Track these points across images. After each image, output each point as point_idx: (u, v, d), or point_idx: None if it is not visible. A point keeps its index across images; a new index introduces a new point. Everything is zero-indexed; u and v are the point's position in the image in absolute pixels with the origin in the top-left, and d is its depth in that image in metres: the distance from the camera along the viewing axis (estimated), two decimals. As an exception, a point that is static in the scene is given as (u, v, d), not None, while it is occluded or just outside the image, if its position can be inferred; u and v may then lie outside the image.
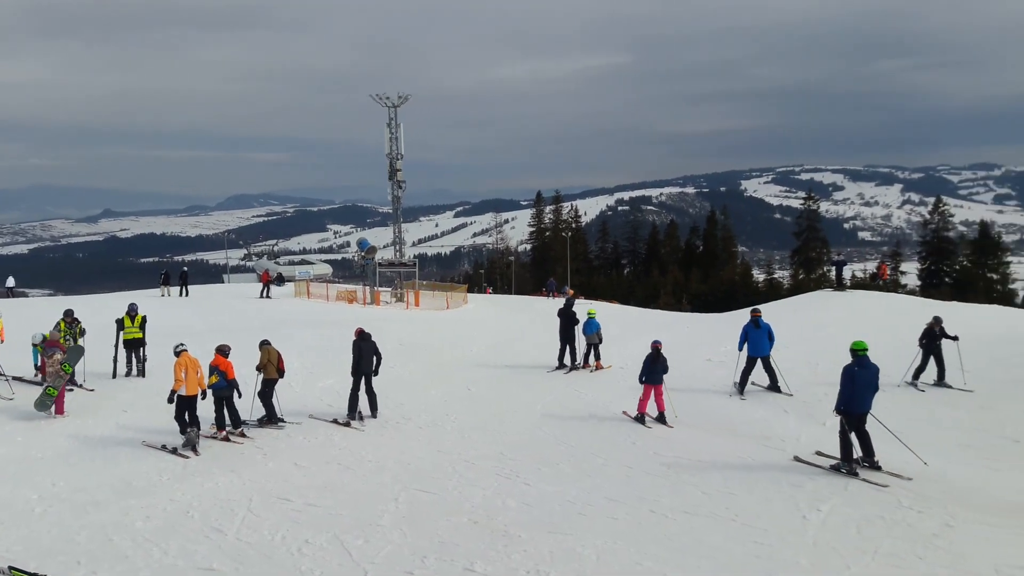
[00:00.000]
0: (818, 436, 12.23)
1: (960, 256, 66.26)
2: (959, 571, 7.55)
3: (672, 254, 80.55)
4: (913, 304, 31.25)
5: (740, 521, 8.90)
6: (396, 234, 39.04)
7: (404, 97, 36.96)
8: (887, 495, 9.61)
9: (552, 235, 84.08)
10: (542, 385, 16.52)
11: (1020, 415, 13.45)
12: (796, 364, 17.83)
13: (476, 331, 25.62)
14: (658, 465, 11.09)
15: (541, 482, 10.41)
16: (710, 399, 15.14)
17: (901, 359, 17.90)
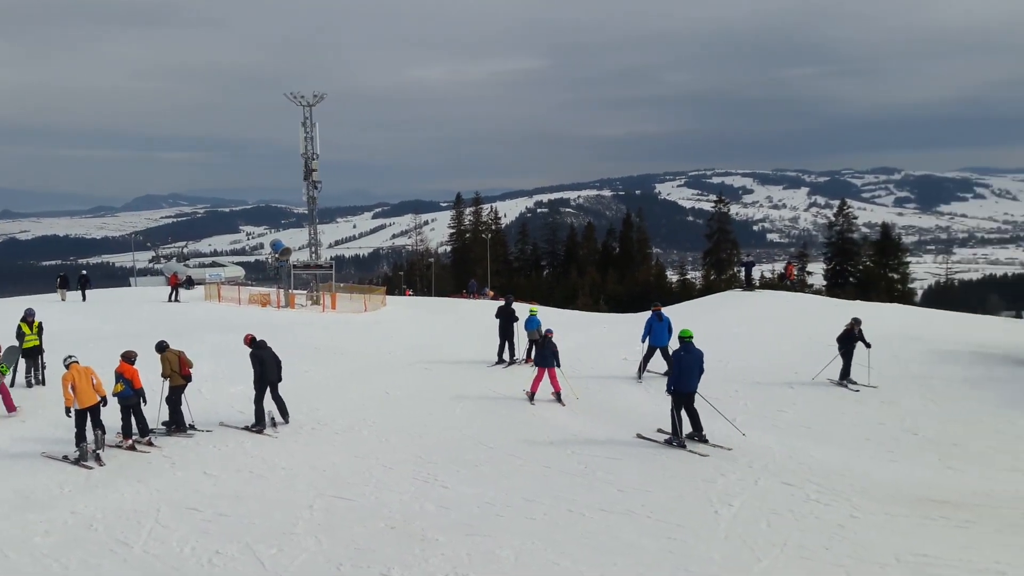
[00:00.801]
0: (729, 432, 12.53)
1: (863, 256, 69.27)
2: (863, 560, 7.85)
3: (590, 255, 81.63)
4: (818, 303, 32.54)
5: (655, 517, 9.04)
6: (312, 235, 38.33)
7: (319, 96, 36.34)
8: (796, 490, 9.92)
9: (472, 237, 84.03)
10: (462, 387, 16.43)
11: (919, 409, 14.12)
12: (707, 362, 18.25)
13: (395, 334, 25.37)
14: (575, 464, 11.17)
15: (459, 484, 10.35)
16: (626, 398, 15.35)
17: (808, 356, 18.61)
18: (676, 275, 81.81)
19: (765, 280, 58.41)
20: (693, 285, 72.40)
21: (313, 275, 37.28)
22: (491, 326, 19.41)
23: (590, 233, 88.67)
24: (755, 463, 10.98)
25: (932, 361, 18.13)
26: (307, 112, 36.02)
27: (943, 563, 7.69)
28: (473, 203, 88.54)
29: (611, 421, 13.60)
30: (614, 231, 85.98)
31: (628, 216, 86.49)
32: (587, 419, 13.77)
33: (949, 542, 8.19)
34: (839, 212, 73.15)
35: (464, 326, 27.25)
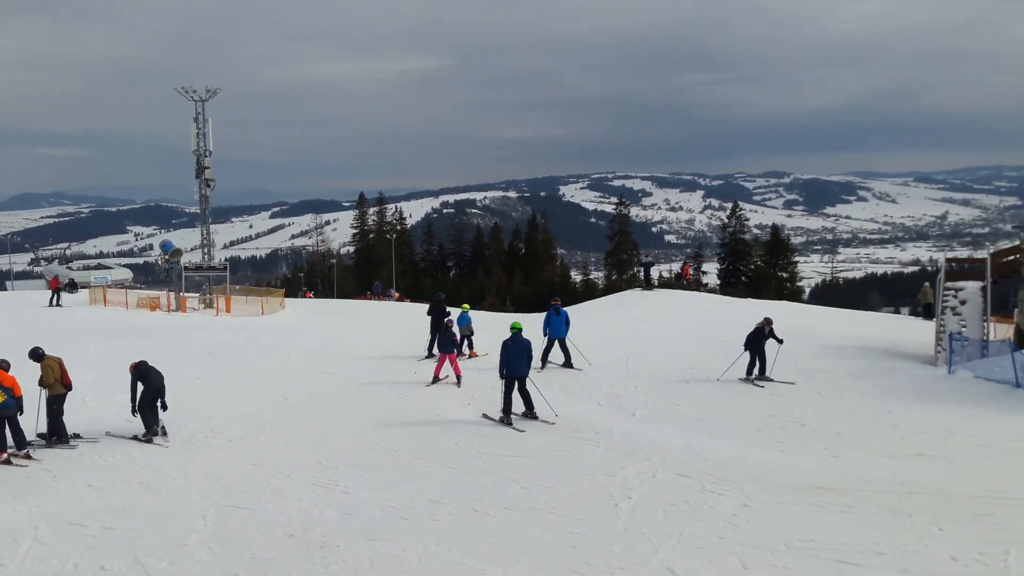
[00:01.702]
0: (629, 427, 12.84)
1: (755, 257, 72.21)
2: (754, 547, 8.15)
3: (496, 256, 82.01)
4: (713, 302, 33.72)
5: (557, 513, 9.15)
6: (205, 236, 37.07)
7: (213, 91, 35.18)
8: (691, 481, 10.23)
9: (376, 237, 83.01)
10: (365, 391, 16.21)
11: (806, 401, 14.81)
12: (609, 360, 18.72)
13: (294, 337, 24.79)
14: (480, 464, 11.18)
15: (361, 489, 10.19)
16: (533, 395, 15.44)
17: (703, 352, 19.29)
18: (580, 275, 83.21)
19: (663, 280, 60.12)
20: (596, 285, 73.81)
21: (206, 277, 36.06)
22: (396, 328, 19.24)
23: (496, 234, 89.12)
24: (653, 456, 11.27)
25: (818, 355, 19.03)
26: (200, 107, 34.84)
27: (828, 547, 8.07)
28: (377, 203, 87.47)
29: (515, 421, 13.67)
30: (520, 232, 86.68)
31: (533, 217, 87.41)
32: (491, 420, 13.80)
33: (833, 526, 8.60)
34: (732, 214, 76.03)
35: (368, 328, 26.88)
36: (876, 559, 7.77)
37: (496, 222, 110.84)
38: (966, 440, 11.93)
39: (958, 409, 13.85)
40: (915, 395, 15.16)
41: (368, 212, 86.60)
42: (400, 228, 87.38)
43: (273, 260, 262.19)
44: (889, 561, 7.72)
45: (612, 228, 79.07)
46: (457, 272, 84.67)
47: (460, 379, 16.35)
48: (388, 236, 79.63)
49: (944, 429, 12.60)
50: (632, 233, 79.63)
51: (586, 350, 19.25)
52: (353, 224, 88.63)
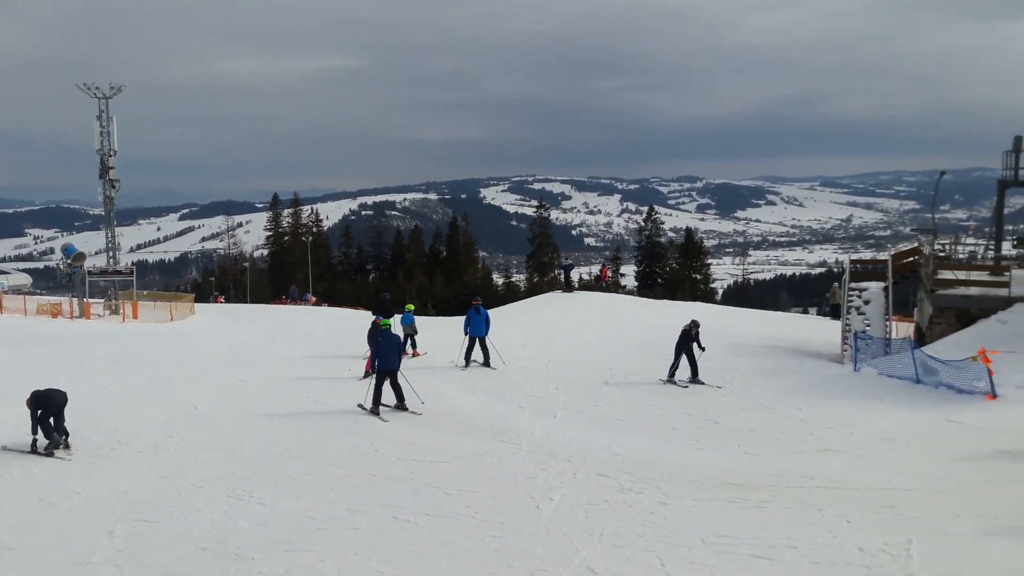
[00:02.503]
0: (550, 428, 12.92)
1: (670, 259, 73.97)
2: (672, 544, 8.30)
3: (417, 259, 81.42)
4: (630, 303, 34.34)
5: (479, 518, 9.12)
6: (110, 239, 35.57)
7: (117, 88, 33.83)
8: (611, 480, 10.35)
9: (291, 240, 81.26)
10: (280, 399, 15.80)
11: (720, 399, 15.22)
12: (531, 362, 18.82)
13: (205, 344, 24.03)
14: (400, 470, 11.05)
15: (277, 500, 9.92)
16: (453, 400, 15.37)
17: (621, 352, 19.61)
18: (502, 278, 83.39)
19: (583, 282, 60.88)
20: (518, 287, 74.15)
21: (111, 282, 34.63)
22: (313, 333, 18.86)
23: (417, 236, 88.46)
24: (574, 457, 11.37)
25: (731, 354, 19.56)
26: (103, 105, 33.45)
27: (742, 542, 8.29)
28: (292, 204, 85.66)
29: (437, 425, 13.58)
30: (441, 234, 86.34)
31: (454, 220, 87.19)
32: (412, 424, 13.67)
33: (747, 522, 8.85)
34: (648, 218, 77.70)
35: (283, 334, 26.27)
36: (788, 552, 8.03)
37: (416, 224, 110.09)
38: (870, 434, 12.46)
39: (863, 405, 14.45)
40: (822, 392, 15.76)
41: (282, 214, 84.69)
42: (316, 230, 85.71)
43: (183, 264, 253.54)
44: (801, 555, 7.98)
45: (533, 231, 79.72)
46: (377, 275, 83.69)
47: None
48: (304, 239, 78.06)
49: (850, 424, 13.12)
50: (553, 236, 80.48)
51: (508, 352, 19.35)
52: (267, 226, 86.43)
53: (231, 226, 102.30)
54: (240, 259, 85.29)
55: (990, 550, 7.92)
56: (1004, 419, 12.77)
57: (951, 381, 15.13)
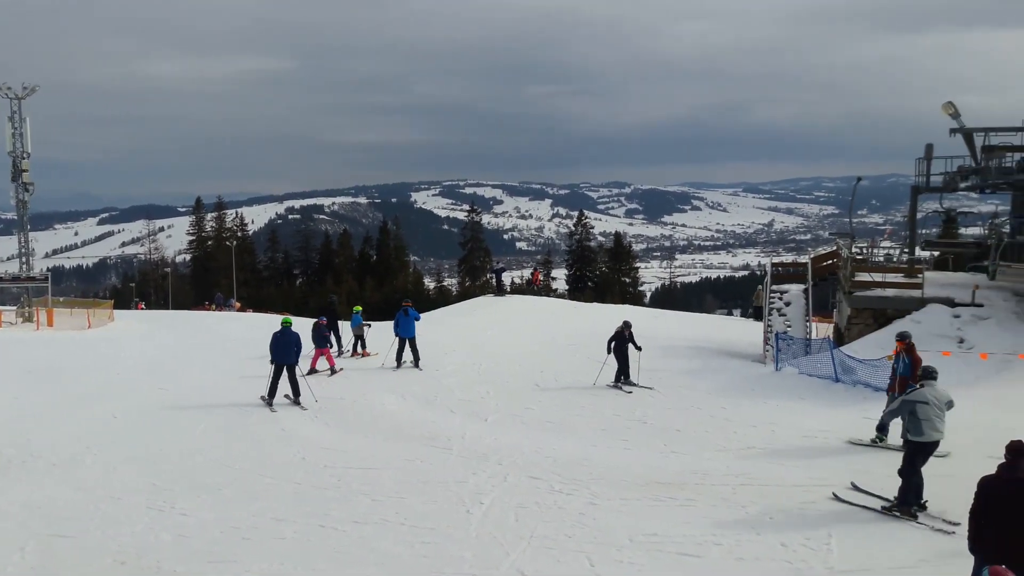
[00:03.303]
0: (481, 432, 12.90)
1: (600, 263, 74.85)
2: (601, 544, 8.40)
3: (346, 264, 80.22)
4: (561, 306, 34.62)
5: (409, 524, 9.04)
6: (23, 244, 34.01)
7: (31, 88, 32.38)
8: (541, 483, 10.39)
9: (215, 244, 79.12)
10: (205, 408, 15.32)
11: (647, 399, 15.46)
12: (462, 366, 18.78)
13: (125, 352, 23.18)
14: (328, 478, 10.87)
15: (201, 511, 9.64)
16: (383, 406, 15.19)
17: (552, 355, 19.74)
18: (433, 282, 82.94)
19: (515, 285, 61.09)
20: (450, 292, 73.87)
21: (25, 288, 33.12)
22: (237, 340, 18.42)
23: (346, 241, 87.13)
24: (504, 460, 11.39)
25: (658, 356, 19.87)
26: (15, 105, 31.96)
27: (670, 540, 8.44)
28: (216, 208, 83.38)
29: (366, 431, 13.42)
30: (371, 239, 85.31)
31: (385, 224, 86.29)
32: (341, 431, 13.48)
33: (674, 520, 9.01)
34: (578, 222, 78.41)
35: (207, 341, 25.57)
36: (714, 549, 8.21)
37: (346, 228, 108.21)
38: (792, 432, 12.82)
39: (784, 403, 14.87)
40: (746, 391, 16.17)
41: (206, 218, 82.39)
42: (241, 235, 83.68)
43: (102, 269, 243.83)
44: (726, 551, 8.16)
45: (465, 235, 79.57)
46: (304, 280, 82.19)
47: (333, 371, 18.08)
48: (228, 243, 76.13)
49: (772, 422, 13.49)
50: (484, 240, 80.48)
51: (440, 356, 19.34)
52: (190, 231, 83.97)
53: (152, 231, 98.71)
54: (162, 264, 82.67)
55: (906, 542, 8.26)
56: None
57: (868, 379, 15.72)
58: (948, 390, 9.42)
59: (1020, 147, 22.21)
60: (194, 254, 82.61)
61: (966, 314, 18.09)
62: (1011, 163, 22.04)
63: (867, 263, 22.93)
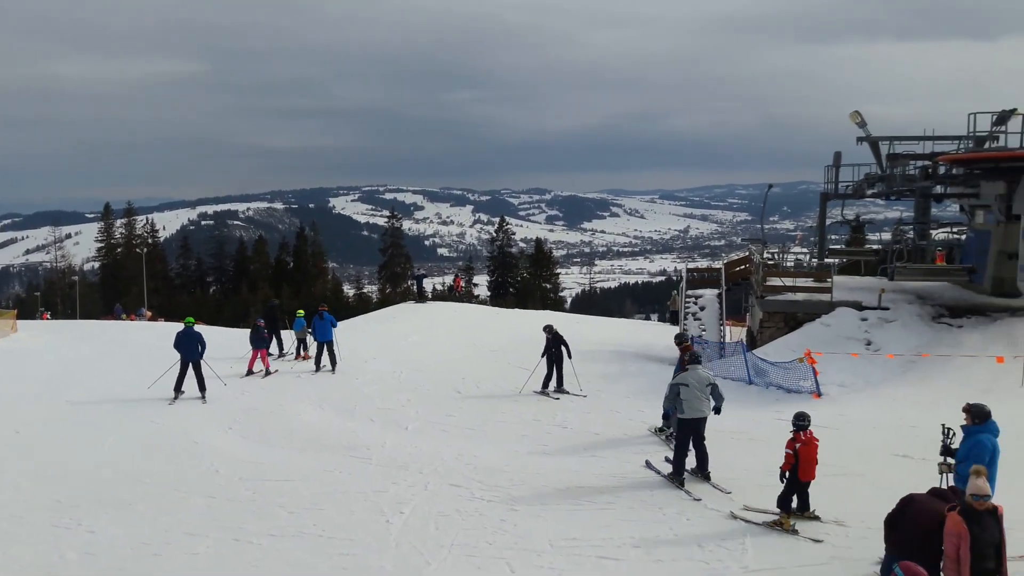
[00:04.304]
0: (401, 441, 12.81)
1: (521, 269, 75.30)
2: (522, 550, 8.46)
3: (262, 271, 78.36)
4: (483, 312, 34.65)
5: (327, 535, 8.91)
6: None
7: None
8: (462, 490, 10.39)
9: (125, 252, 76.19)
10: (112, 421, 14.71)
11: (567, 404, 15.63)
12: (382, 374, 18.60)
13: (29, 363, 22.06)
14: (244, 491, 10.62)
15: (110, 527, 9.29)
16: (299, 417, 14.90)
17: (473, 361, 19.74)
18: (353, 289, 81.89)
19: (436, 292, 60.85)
20: (370, 299, 73.04)
21: (-84, 298, 31.21)
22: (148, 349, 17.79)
23: (261, 247, 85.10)
24: (425, 468, 11.34)
25: (578, 360, 20.08)
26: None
27: (589, 544, 8.56)
28: (126, 214, 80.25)
29: (283, 442, 13.14)
30: (287, 245, 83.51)
31: (302, 230, 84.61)
32: (257, 442, 13.17)
33: (593, 524, 9.14)
34: (499, 229, 78.72)
35: (115, 352, 24.57)
36: (633, 552, 8.37)
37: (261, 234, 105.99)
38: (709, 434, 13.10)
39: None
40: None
41: (115, 224, 79.30)
42: (152, 242, 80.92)
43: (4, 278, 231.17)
44: (644, 553, 8.33)
45: (385, 241, 78.84)
46: (218, 288, 79.93)
47: (268, 372, 18.64)
48: (139, 250, 73.44)
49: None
50: (405, 246, 79.91)
51: (359, 364, 19.13)
52: (98, 237, 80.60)
53: (59, 237, 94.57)
54: (69, 272, 79.01)
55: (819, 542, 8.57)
56: (828, 416, 13.83)
57: (780, 381, 16.31)
58: (709, 373, 11.02)
59: (923, 155, 23.21)
60: (103, 262, 79.32)
61: (873, 317, 18.91)
62: (914, 170, 23.06)
63: (778, 268, 23.74)
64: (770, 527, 8.86)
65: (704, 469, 10.54)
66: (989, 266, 20.47)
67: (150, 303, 58.94)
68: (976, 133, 22.60)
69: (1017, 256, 18.43)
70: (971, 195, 21.86)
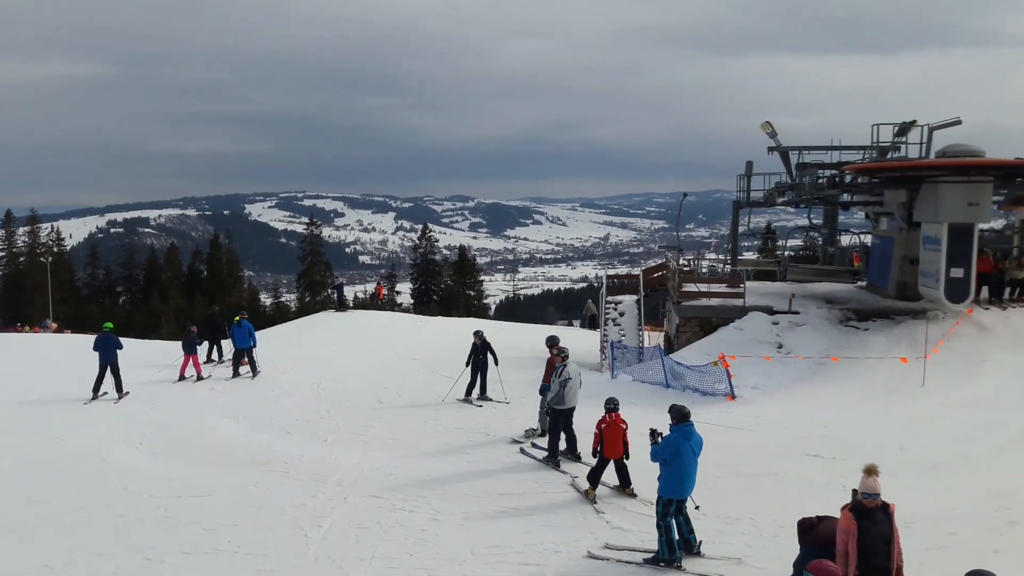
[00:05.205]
0: (320, 453, 12.55)
1: (444, 276, 75.01)
2: (444, 559, 8.40)
3: (174, 279, 75.73)
4: (407, 320, 34.35)
5: (243, 552, 8.66)
6: None
7: None
8: (383, 501, 10.24)
9: (28, 261, 72.59)
10: (11, 438, 13.92)
11: (489, 411, 15.60)
12: (301, 385, 18.19)
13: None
14: (155, 509, 10.21)
15: (8, 551, 8.84)
16: (216, 430, 14.42)
17: (395, 370, 19.51)
18: (271, 298, 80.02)
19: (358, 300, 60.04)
20: (288, 308, 71.48)
21: None
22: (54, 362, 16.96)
23: (174, 255, 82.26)
24: (344, 481, 11.13)
25: (503, 367, 20.11)
26: None
27: (512, 550, 8.56)
28: (29, 222, 76.54)
29: (196, 457, 12.69)
30: (201, 253, 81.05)
31: (216, 237, 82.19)
32: (169, 458, 12.66)
33: (515, 530, 9.15)
34: (422, 235, 78.27)
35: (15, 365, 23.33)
36: (553, 557, 8.41)
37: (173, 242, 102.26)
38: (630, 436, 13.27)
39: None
40: (583, 399, 16.43)
41: (17, 232, 75.51)
42: (58, 250, 77.31)
43: None
44: (566, 558, 8.40)
45: (304, 249, 77.27)
46: (128, 298, 76.93)
47: (200, 377, 18.80)
48: (43, 259, 70.08)
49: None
50: (325, 253, 78.49)
51: (276, 376, 18.71)
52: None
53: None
54: (-37, 283, 74.76)
55: (733, 538, 8.79)
56: (741, 417, 14.25)
57: (696, 384, 16.67)
58: (576, 366, 12.21)
59: (830, 164, 24.21)
60: (4, 271, 75.35)
61: (784, 321, 19.54)
62: (823, 179, 23.98)
63: (694, 274, 24.31)
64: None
65: (575, 451, 11.88)
66: (893, 271, 21.44)
67: (56, 314, 56.30)
68: (879, 143, 23.74)
69: (918, 261, 19.36)
70: (875, 203, 22.90)
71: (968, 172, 17.51)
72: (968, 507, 9.38)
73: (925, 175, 18.61)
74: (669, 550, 8.06)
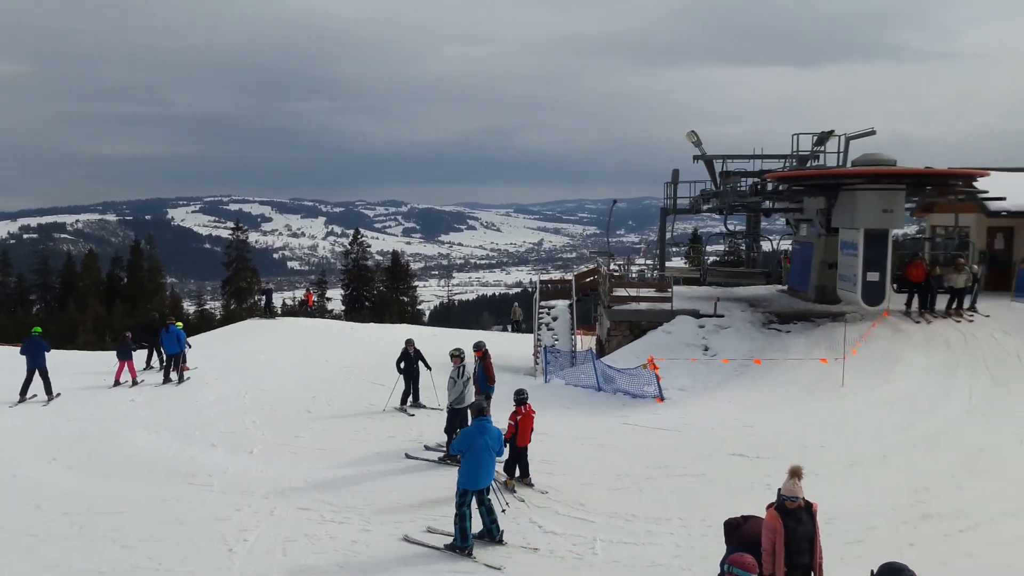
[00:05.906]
0: (246, 465, 12.22)
1: (377, 282, 74.18)
2: (374, 571, 8.29)
3: (93, 287, 72.89)
4: (337, 327, 33.85)
5: (164, 569, 8.36)
6: None
7: None
8: (312, 513, 10.02)
9: (-68, 268, 69.02)
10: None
11: (422, 418, 15.47)
12: (225, 395, 17.69)
13: None
14: (69, 527, 9.77)
15: (-96, 578, 8.29)
16: (135, 442, 13.89)
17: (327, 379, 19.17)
18: (194, 305, 77.78)
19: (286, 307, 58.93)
20: (213, 315, 69.59)
21: None
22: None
23: (92, 262, 79.11)
24: (271, 493, 10.85)
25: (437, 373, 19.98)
26: None
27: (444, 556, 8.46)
28: (-67, 228, 72.94)
29: (115, 472, 12.19)
30: (121, 259, 78.22)
31: (137, 243, 79.43)
32: (85, 473, 12.13)
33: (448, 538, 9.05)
34: (354, 241, 77.27)
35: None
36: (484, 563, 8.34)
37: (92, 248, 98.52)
38: (560, 441, 13.37)
39: (553, 413, 15.47)
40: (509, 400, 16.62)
41: (-78, 238, 71.80)
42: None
43: None
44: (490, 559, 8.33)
45: (229, 254, 75.27)
46: (43, 306, 73.74)
47: (136, 380, 18.92)
48: (-50, 266, 66.73)
49: (543, 433, 13.94)
50: (251, 259, 76.52)
51: (200, 385, 18.22)
52: (-100, 252, 72.59)
53: None
54: None
55: (662, 538, 8.90)
56: (670, 418, 14.47)
57: (627, 387, 16.88)
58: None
59: (753, 173, 24.85)
60: (-95, 279, 71.43)
61: (710, 324, 19.96)
62: (745, 187, 24.61)
63: (624, 279, 24.63)
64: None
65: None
66: (812, 275, 22.13)
67: (-38, 324, 53.53)
68: (799, 152, 24.48)
69: (837, 265, 20.01)
70: (796, 209, 23.60)
71: (882, 180, 18.20)
72: (885, 503, 9.71)
73: (842, 183, 19.24)
74: (462, 538, 8.60)
